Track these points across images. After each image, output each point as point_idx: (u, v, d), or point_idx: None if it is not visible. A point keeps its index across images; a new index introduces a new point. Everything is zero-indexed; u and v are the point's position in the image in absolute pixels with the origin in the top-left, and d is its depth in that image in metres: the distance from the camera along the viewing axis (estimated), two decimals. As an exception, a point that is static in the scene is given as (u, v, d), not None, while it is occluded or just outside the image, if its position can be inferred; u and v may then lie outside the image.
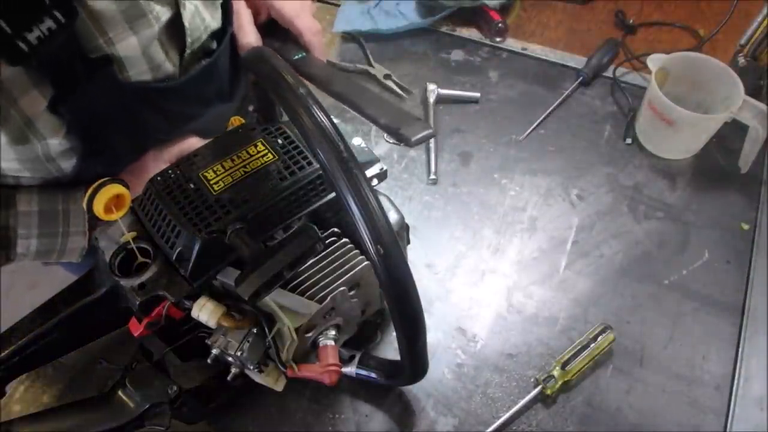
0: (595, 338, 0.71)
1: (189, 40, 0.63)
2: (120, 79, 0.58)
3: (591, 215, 0.86)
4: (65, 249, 0.64)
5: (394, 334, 0.53)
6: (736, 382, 0.70)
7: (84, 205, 0.54)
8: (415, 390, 0.70)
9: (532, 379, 0.71)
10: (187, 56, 0.65)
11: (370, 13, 1.08)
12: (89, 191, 0.53)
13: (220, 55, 0.69)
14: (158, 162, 0.68)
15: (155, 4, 0.58)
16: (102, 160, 0.64)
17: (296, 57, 0.70)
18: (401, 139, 0.54)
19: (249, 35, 0.71)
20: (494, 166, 0.91)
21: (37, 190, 0.63)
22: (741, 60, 0.91)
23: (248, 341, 0.55)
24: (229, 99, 0.75)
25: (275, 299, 0.56)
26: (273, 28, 0.73)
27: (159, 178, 0.57)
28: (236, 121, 0.73)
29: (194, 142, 0.70)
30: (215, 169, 0.57)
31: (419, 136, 0.53)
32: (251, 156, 0.58)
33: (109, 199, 0.54)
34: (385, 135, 0.96)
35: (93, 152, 0.62)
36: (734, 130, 0.86)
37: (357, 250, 0.62)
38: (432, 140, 0.92)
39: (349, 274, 0.60)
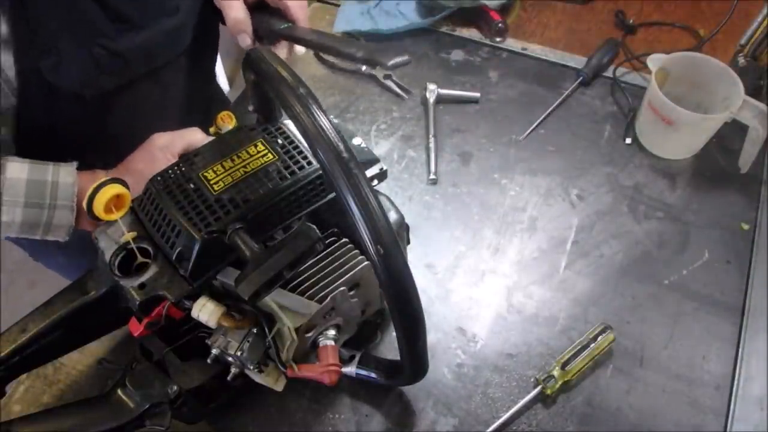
0: (595, 338, 0.71)
1: None
2: None
3: (591, 215, 0.86)
4: (51, 223, 0.64)
5: (394, 334, 0.53)
6: (736, 382, 0.70)
7: (85, 202, 0.54)
8: (415, 390, 0.70)
9: (532, 379, 0.71)
10: None
11: (370, 13, 1.08)
12: (89, 191, 0.53)
13: None
14: (166, 153, 0.69)
15: None
16: (52, 63, 0.63)
17: (283, 27, 0.73)
18: (377, 63, 0.59)
19: (237, 11, 0.72)
20: (494, 166, 0.91)
21: (30, 160, 0.63)
22: (741, 60, 0.91)
23: (248, 341, 0.55)
24: (175, 13, 0.75)
25: (275, 299, 0.56)
26: (261, 6, 0.76)
27: (159, 178, 0.57)
28: (226, 117, 0.74)
29: (198, 136, 0.71)
30: (215, 169, 0.57)
31: (394, 60, 0.57)
32: (251, 156, 0.58)
33: (109, 199, 0.54)
34: (364, 68, 1.03)
35: (36, 49, 0.61)
36: (734, 130, 0.86)
37: (357, 250, 0.62)
38: (432, 140, 0.92)
39: (349, 274, 0.60)
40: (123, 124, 0.74)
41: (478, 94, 0.99)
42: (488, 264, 0.81)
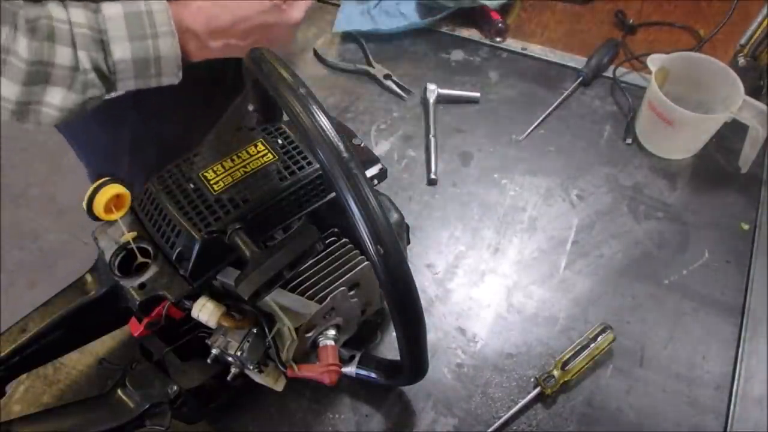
0: (595, 338, 0.71)
1: None
2: None
3: (591, 215, 0.86)
4: (159, 57, 0.63)
5: (394, 334, 0.53)
6: (736, 382, 0.70)
7: (85, 202, 0.54)
8: (415, 390, 0.70)
9: (532, 379, 0.71)
10: None
11: (370, 13, 1.08)
12: (89, 191, 0.53)
13: None
14: None
15: None
16: None
17: None
18: None
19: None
20: (494, 166, 0.91)
21: None
22: (741, 60, 0.91)
23: (248, 341, 0.55)
24: None
25: (275, 299, 0.56)
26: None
27: (159, 178, 0.57)
28: None
29: None
30: (215, 169, 0.57)
31: None
32: (251, 156, 0.58)
33: (109, 199, 0.54)
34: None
35: None
36: (734, 130, 0.86)
37: (357, 250, 0.62)
38: (432, 140, 0.92)
39: (349, 274, 0.60)
40: None
41: (478, 94, 0.99)
42: (488, 264, 0.81)
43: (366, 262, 0.60)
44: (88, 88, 0.61)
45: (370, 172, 0.65)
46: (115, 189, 0.54)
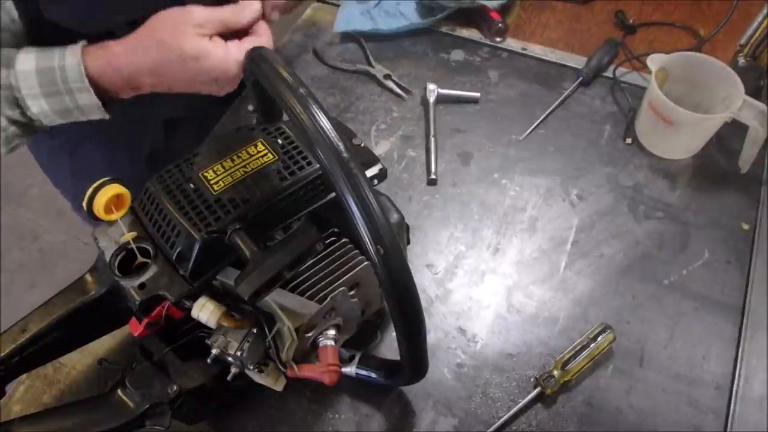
0: (595, 338, 0.71)
1: None
2: None
3: (591, 215, 0.86)
4: (80, 106, 0.64)
5: (394, 334, 0.53)
6: (736, 382, 0.70)
7: (85, 202, 0.54)
8: (415, 390, 0.70)
9: (532, 379, 0.71)
10: None
11: (370, 13, 1.08)
12: (89, 191, 0.54)
13: None
14: (200, 30, 0.64)
15: None
16: None
17: None
18: None
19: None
20: (494, 166, 0.91)
21: (36, 49, 0.63)
22: (741, 60, 0.91)
23: (248, 341, 0.55)
24: None
25: (275, 299, 0.56)
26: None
27: (159, 178, 0.57)
28: None
29: (233, 18, 0.67)
30: (215, 169, 0.57)
31: None
32: (251, 156, 0.58)
33: (109, 199, 0.54)
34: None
35: None
36: (734, 130, 0.86)
37: (357, 250, 0.62)
38: (432, 140, 0.92)
39: (349, 274, 0.60)
40: None
41: (478, 94, 0.99)
42: (488, 264, 0.81)
43: (366, 262, 0.60)
44: (12, 141, 0.65)
45: (370, 172, 0.65)
46: (115, 189, 0.54)
